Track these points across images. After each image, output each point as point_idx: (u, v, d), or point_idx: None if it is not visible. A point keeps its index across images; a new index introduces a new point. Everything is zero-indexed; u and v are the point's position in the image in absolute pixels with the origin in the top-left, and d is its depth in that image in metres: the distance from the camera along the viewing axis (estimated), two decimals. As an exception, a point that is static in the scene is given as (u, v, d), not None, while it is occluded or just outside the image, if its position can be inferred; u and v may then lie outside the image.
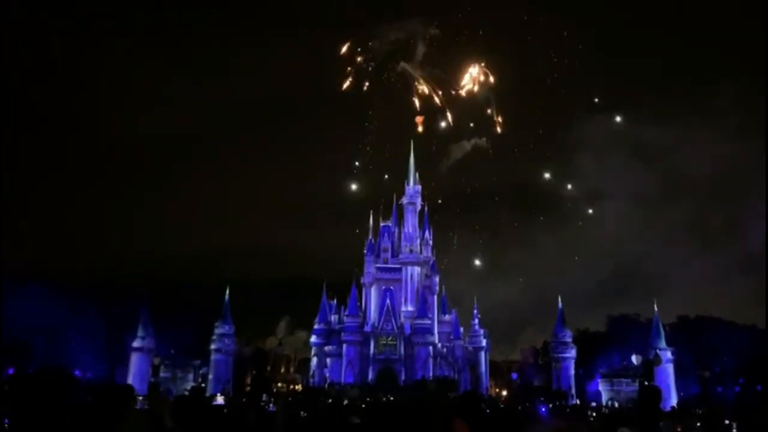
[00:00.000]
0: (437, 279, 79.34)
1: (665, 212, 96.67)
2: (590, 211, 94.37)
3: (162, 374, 64.06)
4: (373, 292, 77.81)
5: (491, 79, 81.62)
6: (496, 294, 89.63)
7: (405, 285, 76.99)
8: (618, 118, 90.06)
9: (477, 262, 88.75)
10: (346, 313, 74.12)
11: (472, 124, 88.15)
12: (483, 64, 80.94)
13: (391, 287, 76.85)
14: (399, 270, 77.75)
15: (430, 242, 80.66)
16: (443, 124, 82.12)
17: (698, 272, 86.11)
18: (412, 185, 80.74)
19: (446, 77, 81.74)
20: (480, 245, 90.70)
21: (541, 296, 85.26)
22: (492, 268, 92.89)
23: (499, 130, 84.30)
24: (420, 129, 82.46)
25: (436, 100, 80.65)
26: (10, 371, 49.60)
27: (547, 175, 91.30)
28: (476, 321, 77.49)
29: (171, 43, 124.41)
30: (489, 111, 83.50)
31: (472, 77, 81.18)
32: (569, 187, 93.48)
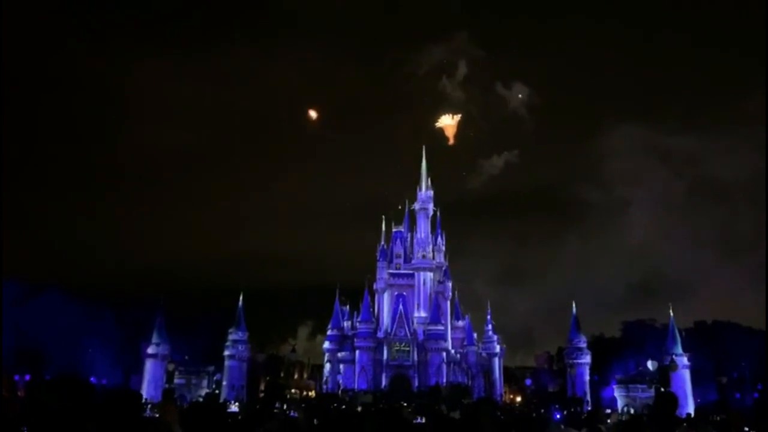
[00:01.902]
0: (450, 284, 79.11)
1: (690, 219, 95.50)
2: (614, 218, 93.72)
3: (176, 380, 64.25)
4: (386, 298, 77.70)
5: (527, 93, 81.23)
6: (510, 299, 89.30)
7: (418, 290, 76.84)
8: (645, 126, 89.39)
9: (492, 268, 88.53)
10: (359, 319, 74.05)
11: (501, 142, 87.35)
12: (520, 82, 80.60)
13: (404, 293, 76.67)
14: (412, 275, 77.59)
15: (443, 248, 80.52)
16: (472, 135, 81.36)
17: (720, 279, 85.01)
18: (425, 190, 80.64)
19: (485, 93, 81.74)
20: (496, 251, 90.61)
21: (555, 302, 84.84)
22: (506, 273, 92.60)
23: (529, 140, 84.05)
24: (451, 141, 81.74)
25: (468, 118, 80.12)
26: (27, 377, 50.16)
27: (573, 183, 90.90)
28: (490, 327, 77.16)
29: (187, 52, 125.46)
30: (523, 123, 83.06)
31: (508, 94, 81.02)
32: (593, 194, 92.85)
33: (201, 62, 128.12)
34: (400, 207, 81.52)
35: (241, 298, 69.21)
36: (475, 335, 76.29)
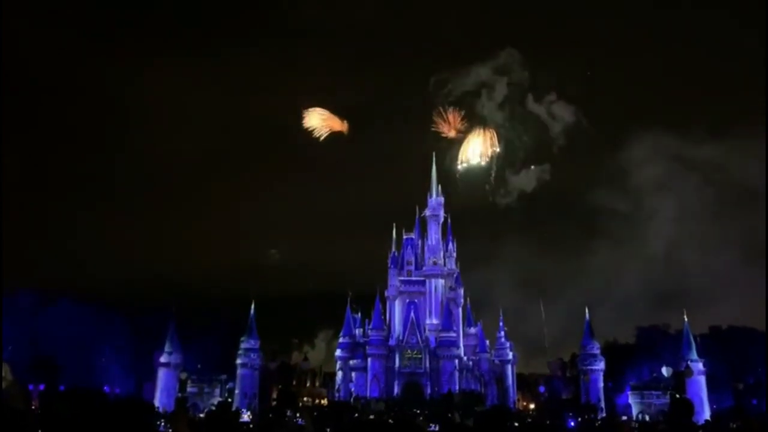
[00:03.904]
0: (462, 291, 78.74)
1: (711, 226, 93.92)
2: (633, 225, 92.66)
3: (189, 389, 64.49)
4: (398, 305, 77.52)
5: (556, 105, 79.41)
6: (523, 306, 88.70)
7: (429, 297, 76.59)
8: (672, 135, 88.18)
9: (506, 274, 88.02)
10: (371, 326, 73.92)
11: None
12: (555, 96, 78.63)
13: (416, 300, 76.51)
14: (423, 282, 77.39)
15: (454, 254, 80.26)
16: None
17: (739, 285, 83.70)
18: (435, 197, 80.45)
19: (512, 107, 79.13)
20: (512, 257, 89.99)
21: (569, 308, 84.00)
22: (521, 279, 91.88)
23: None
24: (483, 158, 79.07)
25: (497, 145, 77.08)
26: (41, 387, 50.43)
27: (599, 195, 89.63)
28: (502, 333, 76.62)
29: (196, 58, 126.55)
30: (553, 136, 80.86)
31: (537, 107, 79.14)
32: (613, 201, 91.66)
33: (210, 69, 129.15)
34: (412, 213, 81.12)
35: (252, 306, 69.30)
36: (487, 342, 75.86)
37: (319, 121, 79.17)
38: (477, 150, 77.58)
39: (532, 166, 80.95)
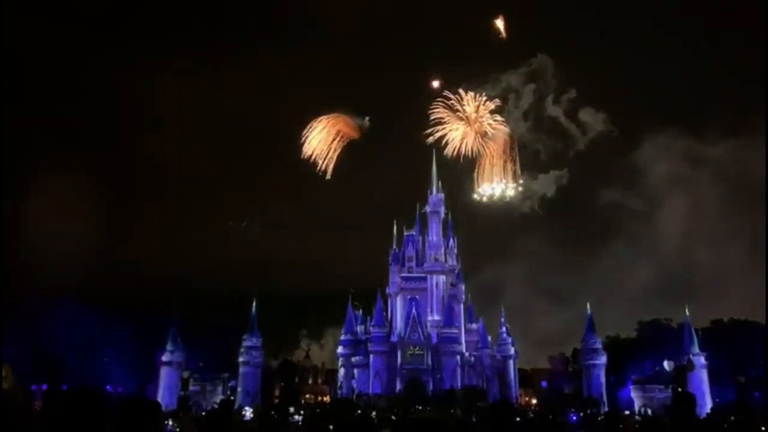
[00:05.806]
0: (463, 287, 78.74)
1: (720, 222, 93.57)
2: (639, 222, 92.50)
3: (191, 388, 64.57)
4: (399, 302, 77.56)
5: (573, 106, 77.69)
6: (526, 301, 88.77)
7: (430, 294, 76.62)
8: (685, 132, 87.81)
9: (508, 270, 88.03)
10: (373, 323, 74.00)
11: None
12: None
13: (417, 296, 76.53)
14: (424, 279, 77.41)
15: (455, 250, 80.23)
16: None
17: (744, 278, 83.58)
18: (435, 193, 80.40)
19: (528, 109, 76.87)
20: (516, 253, 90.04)
21: (571, 303, 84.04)
22: (524, 275, 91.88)
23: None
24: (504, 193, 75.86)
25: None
26: (44, 387, 50.57)
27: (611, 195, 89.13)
28: (504, 329, 76.71)
29: (201, 58, 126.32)
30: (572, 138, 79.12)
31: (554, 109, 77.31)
32: (621, 197, 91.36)
33: (213, 69, 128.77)
34: (412, 209, 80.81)
35: (254, 304, 69.39)
36: (489, 338, 75.93)
37: (324, 143, 68.88)
38: (496, 183, 72.15)
39: (551, 171, 79.40)
